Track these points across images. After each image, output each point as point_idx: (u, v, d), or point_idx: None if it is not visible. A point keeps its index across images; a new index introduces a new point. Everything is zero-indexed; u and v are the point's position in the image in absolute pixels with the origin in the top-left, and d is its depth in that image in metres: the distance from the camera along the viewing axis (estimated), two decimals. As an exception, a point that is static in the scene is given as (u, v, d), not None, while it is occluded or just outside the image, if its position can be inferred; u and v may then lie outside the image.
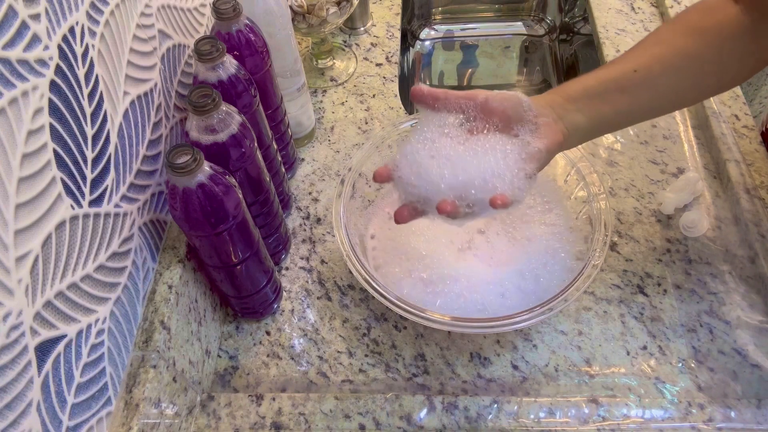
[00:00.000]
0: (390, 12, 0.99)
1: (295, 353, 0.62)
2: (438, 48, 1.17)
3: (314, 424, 0.54)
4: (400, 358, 0.61)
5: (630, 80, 0.52)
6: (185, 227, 0.50)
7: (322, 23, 0.79)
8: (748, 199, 0.68)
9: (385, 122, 0.83)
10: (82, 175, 0.44)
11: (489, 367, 0.60)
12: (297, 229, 0.72)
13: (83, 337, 0.43)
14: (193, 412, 0.56)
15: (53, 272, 0.40)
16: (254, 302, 0.61)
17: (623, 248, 0.68)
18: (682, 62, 0.52)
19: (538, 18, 1.18)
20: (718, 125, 0.75)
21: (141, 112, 0.53)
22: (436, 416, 0.54)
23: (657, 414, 0.53)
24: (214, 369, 0.62)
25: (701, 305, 0.63)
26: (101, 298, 0.46)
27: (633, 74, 0.52)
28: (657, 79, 0.52)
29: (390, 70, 0.90)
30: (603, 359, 0.60)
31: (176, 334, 0.53)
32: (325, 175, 0.78)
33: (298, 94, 0.74)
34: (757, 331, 0.61)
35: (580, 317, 0.63)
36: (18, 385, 0.36)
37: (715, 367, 0.59)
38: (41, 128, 0.39)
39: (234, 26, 0.57)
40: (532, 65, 1.16)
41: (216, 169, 0.49)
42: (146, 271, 0.53)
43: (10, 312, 0.36)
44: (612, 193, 0.73)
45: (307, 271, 0.69)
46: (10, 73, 0.36)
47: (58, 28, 0.41)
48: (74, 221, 0.42)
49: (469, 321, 0.55)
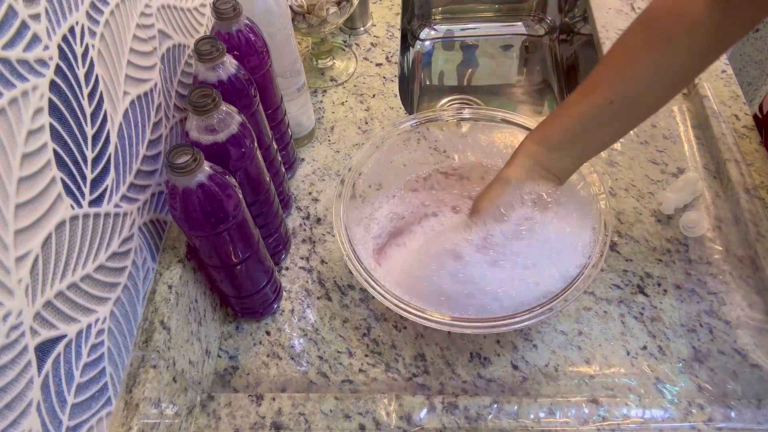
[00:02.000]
0: (390, 12, 0.99)
1: (295, 353, 0.62)
2: (438, 48, 1.17)
3: (314, 424, 0.54)
4: (400, 358, 0.61)
5: (608, 113, 0.52)
6: (185, 227, 0.50)
7: (322, 23, 0.79)
8: (748, 199, 0.68)
9: (385, 122, 0.83)
10: (82, 175, 0.44)
11: (489, 367, 0.60)
12: (297, 229, 0.72)
13: (83, 337, 0.43)
14: (193, 412, 0.56)
15: (53, 272, 0.40)
16: (254, 302, 0.61)
17: (623, 248, 0.68)
18: (656, 80, 0.50)
19: (538, 18, 1.18)
20: (718, 125, 0.75)
21: (141, 112, 0.53)
22: (436, 416, 0.54)
23: (657, 414, 0.53)
24: (214, 369, 0.62)
25: (701, 305, 0.63)
26: (101, 298, 0.46)
27: (610, 106, 0.51)
28: (633, 105, 0.52)
29: (390, 70, 0.90)
30: (603, 359, 0.60)
31: (176, 334, 0.53)
32: (325, 175, 0.78)
33: (298, 94, 0.74)
34: (757, 331, 0.61)
35: (580, 317, 0.63)
36: (18, 385, 0.36)
37: (715, 367, 0.59)
38: (41, 128, 0.39)
39: (234, 26, 0.57)
40: (532, 65, 1.16)
41: (216, 169, 0.49)
42: (146, 271, 0.53)
43: (10, 312, 0.36)
44: (612, 193, 0.73)
45: (307, 271, 0.69)
46: (10, 73, 0.36)
47: (58, 28, 0.41)
48: (74, 221, 0.42)
49: (469, 321, 0.55)
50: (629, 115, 0.53)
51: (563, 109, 0.54)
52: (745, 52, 1.39)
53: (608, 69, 0.52)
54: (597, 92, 0.52)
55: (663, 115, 0.80)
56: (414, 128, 0.69)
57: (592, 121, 0.52)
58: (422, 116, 0.69)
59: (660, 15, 0.49)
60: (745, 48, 1.38)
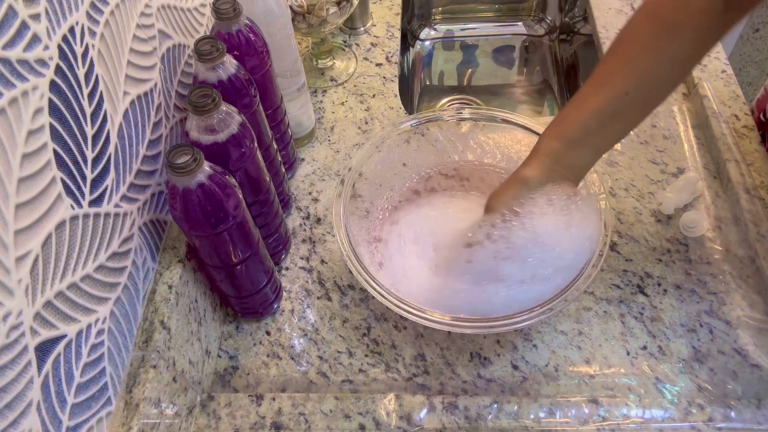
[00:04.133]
0: (390, 12, 0.99)
1: (295, 353, 0.62)
2: (438, 48, 1.17)
3: (314, 424, 0.54)
4: (400, 358, 0.61)
5: (624, 104, 0.52)
6: (185, 227, 0.50)
7: (322, 23, 0.79)
8: (748, 199, 0.68)
9: (385, 122, 0.83)
10: (82, 175, 0.44)
11: (489, 367, 0.60)
12: (297, 229, 0.72)
13: (83, 337, 0.43)
14: (193, 412, 0.56)
15: (53, 272, 0.40)
16: (254, 302, 0.61)
17: (623, 248, 0.68)
18: (668, 68, 0.51)
19: (538, 18, 1.18)
20: (718, 125, 0.75)
21: (141, 112, 0.53)
22: (436, 416, 0.54)
23: (657, 414, 0.53)
24: (214, 369, 0.62)
25: (701, 305, 0.63)
26: (101, 298, 0.46)
27: (625, 98, 0.51)
28: (647, 94, 0.52)
29: (390, 70, 0.90)
30: (603, 359, 0.60)
31: (176, 334, 0.53)
32: (325, 175, 0.78)
33: (298, 94, 0.74)
34: (757, 331, 0.61)
35: (580, 317, 0.63)
36: (18, 385, 0.36)
37: (715, 367, 0.59)
38: (41, 128, 0.39)
39: (234, 26, 0.57)
40: (532, 65, 1.16)
41: (216, 169, 0.49)
42: (146, 271, 0.53)
43: (10, 312, 0.36)
44: (612, 193, 0.73)
45: (307, 271, 0.69)
46: (10, 73, 0.36)
47: (58, 28, 0.41)
48: (74, 221, 0.42)
49: (469, 321, 0.55)
50: (643, 105, 0.53)
51: (577, 103, 0.54)
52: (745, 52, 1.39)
53: (619, 60, 0.52)
54: (610, 84, 0.52)
55: (663, 115, 0.80)
56: (414, 128, 0.69)
57: (609, 113, 0.52)
58: (422, 116, 0.69)
59: (665, 4, 0.50)
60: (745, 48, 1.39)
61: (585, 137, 0.53)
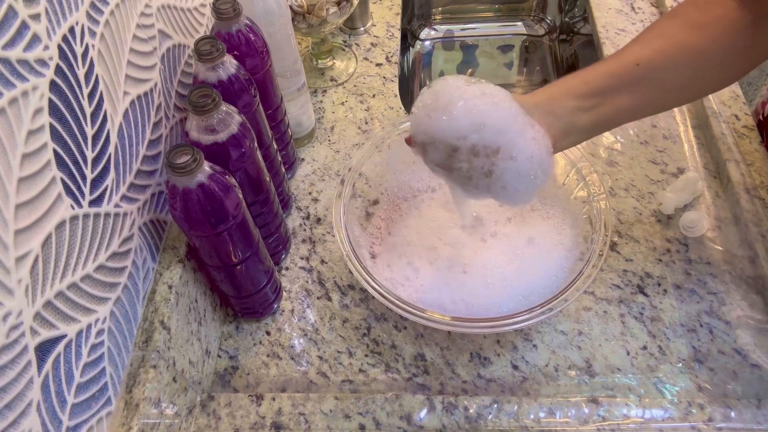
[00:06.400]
0: (390, 12, 0.99)
1: (295, 353, 0.62)
2: (438, 48, 1.17)
3: (314, 424, 0.54)
4: (400, 358, 0.61)
5: (632, 74, 0.51)
6: (185, 227, 0.51)
7: (322, 23, 0.79)
8: (748, 199, 0.68)
9: (385, 122, 0.83)
10: (82, 175, 0.44)
11: (489, 367, 0.60)
12: (297, 229, 0.72)
13: (83, 337, 0.43)
14: (193, 412, 0.56)
15: (53, 272, 0.40)
16: (254, 302, 0.61)
17: (623, 248, 0.68)
18: (684, 56, 0.51)
19: (538, 18, 1.18)
20: (718, 125, 0.75)
21: (141, 112, 0.53)
22: (436, 416, 0.54)
23: (657, 414, 0.53)
24: (214, 369, 0.62)
25: (701, 305, 0.63)
26: (101, 298, 0.46)
27: (635, 68, 0.51)
28: (659, 73, 0.51)
29: (390, 70, 0.90)
30: (603, 359, 0.60)
31: (176, 334, 0.53)
32: (325, 175, 0.78)
33: (298, 94, 0.74)
34: (757, 331, 0.61)
35: (580, 317, 0.63)
36: (18, 385, 0.36)
37: (715, 367, 0.59)
38: (41, 128, 0.39)
39: (234, 26, 0.57)
40: (532, 65, 1.16)
41: (216, 169, 0.49)
42: (146, 271, 0.53)
43: (10, 312, 0.36)
44: (612, 193, 0.73)
45: (307, 271, 0.69)
46: (10, 73, 0.36)
47: (58, 28, 0.41)
48: (74, 221, 0.42)
49: (469, 321, 0.55)
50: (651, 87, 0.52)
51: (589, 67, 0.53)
52: (745, 52, 1.39)
53: (639, 39, 0.53)
54: (625, 53, 0.52)
55: (663, 114, 0.80)
56: (414, 128, 0.69)
57: (615, 79, 0.51)
58: (422, 116, 0.69)
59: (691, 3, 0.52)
60: (745, 48, 1.38)
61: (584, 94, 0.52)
